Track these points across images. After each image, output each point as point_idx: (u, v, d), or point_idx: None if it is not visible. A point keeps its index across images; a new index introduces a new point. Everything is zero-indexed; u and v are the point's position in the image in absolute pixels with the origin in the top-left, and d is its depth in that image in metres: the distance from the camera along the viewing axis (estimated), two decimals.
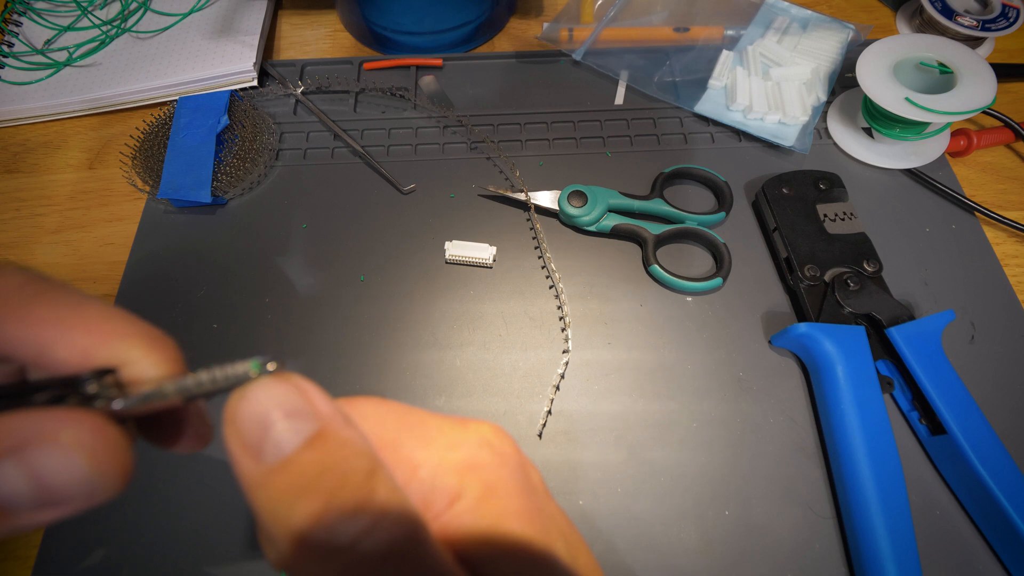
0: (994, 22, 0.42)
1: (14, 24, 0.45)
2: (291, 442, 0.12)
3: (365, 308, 0.34)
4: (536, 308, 0.34)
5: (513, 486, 0.14)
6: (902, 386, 0.31)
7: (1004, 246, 0.36)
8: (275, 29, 0.48)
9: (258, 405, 0.13)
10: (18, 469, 0.13)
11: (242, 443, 0.12)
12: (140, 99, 0.42)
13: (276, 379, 0.13)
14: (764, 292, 0.35)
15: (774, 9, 0.45)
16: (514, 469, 0.15)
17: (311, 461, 0.12)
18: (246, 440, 0.12)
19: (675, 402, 0.31)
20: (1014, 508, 0.26)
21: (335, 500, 0.12)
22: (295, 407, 0.13)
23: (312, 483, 0.12)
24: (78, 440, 0.13)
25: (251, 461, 0.12)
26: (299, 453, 0.12)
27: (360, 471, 0.12)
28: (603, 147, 0.40)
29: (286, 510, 0.12)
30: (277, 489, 0.12)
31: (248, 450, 0.12)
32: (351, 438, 0.13)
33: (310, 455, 0.12)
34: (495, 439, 0.15)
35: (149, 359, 0.15)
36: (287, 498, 0.12)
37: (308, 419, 0.13)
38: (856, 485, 0.27)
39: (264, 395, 0.13)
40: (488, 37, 0.47)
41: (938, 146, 0.38)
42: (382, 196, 0.38)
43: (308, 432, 0.12)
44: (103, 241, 0.37)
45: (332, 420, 0.13)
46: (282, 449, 0.12)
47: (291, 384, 0.13)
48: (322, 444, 0.12)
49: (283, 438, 0.12)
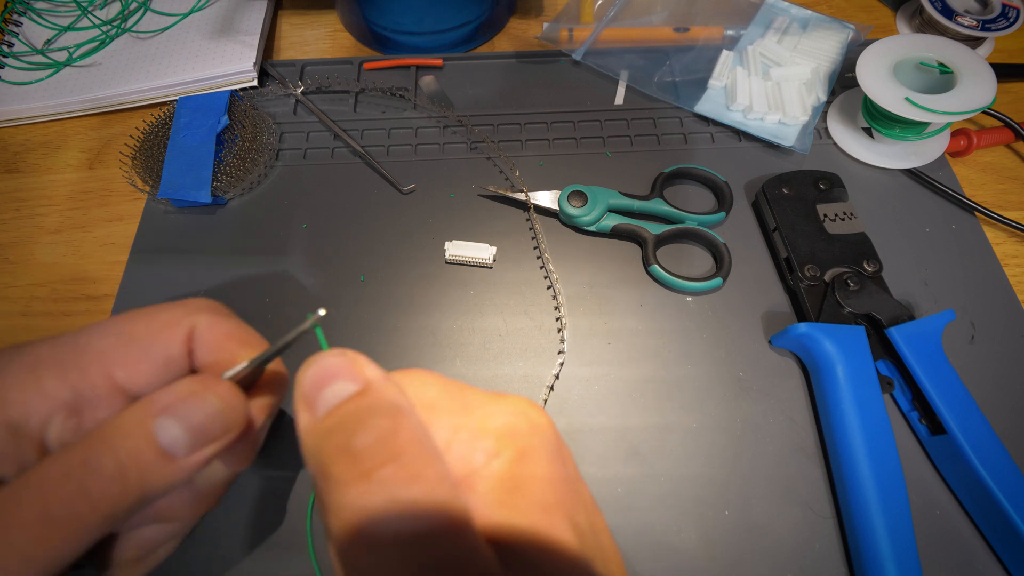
0: (994, 22, 0.42)
1: (14, 24, 0.45)
2: (339, 396, 0.15)
3: (365, 308, 0.34)
4: (536, 308, 0.34)
5: (545, 454, 0.16)
6: (902, 386, 0.31)
7: (1004, 246, 0.36)
8: (275, 29, 0.48)
9: (316, 372, 0.16)
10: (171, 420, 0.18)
11: (303, 401, 0.16)
12: (140, 99, 0.42)
13: (333, 352, 0.16)
14: (764, 292, 0.35)
15: (774, 9, 0.45)
16: (547, 439, 0.16)
17: (352, 407, 0.15)
18: (305, 398, 0.16)
19: (675, 402, 0.31)
20: (1014, 508, 0.26)
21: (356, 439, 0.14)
22: (346, 372, 0.16)
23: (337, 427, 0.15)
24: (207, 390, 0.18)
25: (307, 414, 0.16)
26: (344, 403, 0.15)
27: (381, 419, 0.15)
28: (603, 147, 0.40)
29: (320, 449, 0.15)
30: (322, 430, 0.15)
31: (307, 406, 0.16)
32: (390, 394, 0.16)
33: (352, 403, 0.15)
34: (531, 411, 0.17)
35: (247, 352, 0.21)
36: (328, 435, 0.15)
37: (355, 380, 0.16)
38: (856, 485, 0.27)
39: (321, 364, 0.16)
40: (488, 37, 0.47)
41: (938, 146, 0.38)
42: (382, 196, 0.38)
43: (353, 389, 0.15)
44: (103, 241, 0.37)
45: (376, 381, 0.16)
46: (330, 402, 0.15)
47: (344, 356, 0.16)
48: (363, 396, 0.15)
49: (332, 393, 0.15)
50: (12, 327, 0.34)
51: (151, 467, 0.17)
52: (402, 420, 0.15)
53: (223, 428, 0.19)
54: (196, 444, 0.18)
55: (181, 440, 0.18)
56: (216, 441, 0.18)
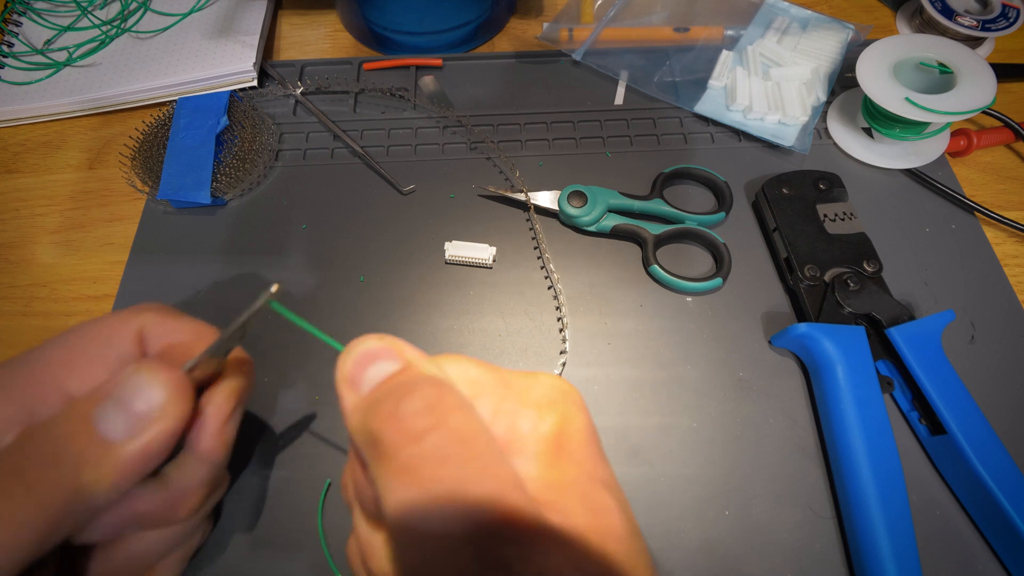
0: (994, 22, 0.42)
1: (14, 24, 0.45)
2: (382, 374, 0.16)
3: (365, 308, 0.34)
4: (536, 308, 0.34)
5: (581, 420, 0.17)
6: (902, 386, 0.31)
7: (1004, 246, 0.36)
8: (275, 29, 0.48)
9: (357, 355, 0.17)
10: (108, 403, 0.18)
11: (346, 383, 0.17)
12: (140, 99, 0.42)
13: (371, 336, 0.17)
14: (764, 292, 0.35)
15: (774, 9, 0.45)
16: (581, 408, 0.18)
17: (396, 380, 0.16)
18: (349, 380, 0.17)
19: (675, 402, 0.31)
20: (1014, 508, 0.26)
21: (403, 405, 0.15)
22: (385, 353, 0.17)
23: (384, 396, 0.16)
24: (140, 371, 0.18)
25: (352, 394, 0.16)
26: (388, 379, 0.16)
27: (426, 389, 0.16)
28: (603, 147, 0.40)
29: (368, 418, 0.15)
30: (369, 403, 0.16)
31: (350, 386, 0.16)
32: (431, 369, 0.16)
33: (395, 378, 0.16)
34: (563, 384, 0.18)
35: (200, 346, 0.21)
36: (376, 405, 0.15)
37: (396, 359, 0.17)
38: (856, 485, 0.27)
39: (361, 348, 0.17)
40: (488, 37, 0.47)
41: (938, 146, 0.38)
42: (382, 196, 0.38)
43: (395, 367, 0.16)
44: (103, 241, 0.37)
45: (416, 359, 0.17)
46: (374, 380, 0.16)
47: (383, 339, 0.17)
48: (405, 372, 0.16)
49: (375, 372, 0.16)
50: (12, 327, 0.34)
51: (88, 452, 0.17)
52: (445, 389, 0.16)
53: (162, 410, 0.18)
54: (134, 427, 0.18)
55: (118, 423, 0.18)
56: (156, 424, 0.18)
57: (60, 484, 0.17)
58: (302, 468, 0.30)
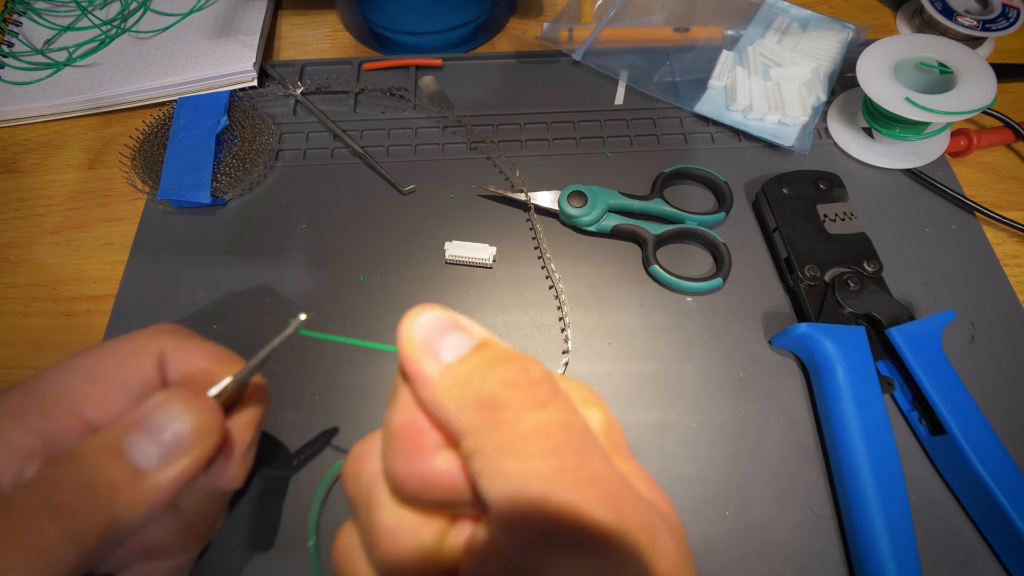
0: (994, 22, 0.42)
1: (14, 24, 0.45)
2: (464, 346, 0.15)
3: (365, 308, 0.34)
4: (536, 308, 0.34)
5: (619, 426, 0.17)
6: (902, 386, 0.31)
7: (1004, 246, 0.36)
8: (275, 29, 0.48)
9: (428, 323, 0.16)
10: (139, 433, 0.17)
11: (420, 351, 0.15)
12: (140, 99, 0.42)
13: (436, 306, 0.16)
14: (764, 292, 0.35)
15: (774, 9, 0.45)
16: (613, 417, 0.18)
17: (490, 353, 0.15)
18: (425, 348, 0.15)
19: (675, 402, 0.31)
20: (1014, 508, 0.26)
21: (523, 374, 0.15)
22: (456, 325, 0.16)
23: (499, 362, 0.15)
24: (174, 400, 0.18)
25: (432, 360, 0.15)
26: (474, 351, 0.15)
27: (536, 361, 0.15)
28: (603, 147, 0.40)
29: (479, 382, 0.15)
30: (463, 372, 0.15)
31: (429, 354, 0.15)
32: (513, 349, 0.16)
33: (486, 351, 0.15)
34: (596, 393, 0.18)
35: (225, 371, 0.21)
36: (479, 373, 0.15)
37: (468, 334, 0.16)
38: (856, 485, 0.27)
39: (430, 316, 0.16)
40: (488, 37, 0.47)
41: (938, 146, 0.38)
42: (382, 196, 0.38)
43: (473, 343, 0.16)
44: (103, 241, 0.37)
45: (491, 337, 0.16)
46: (458, 350, 0.15)
47: (448, 312, 0.16)
48: (490, 346, 0.16)
49: (455, 342, 0.15)
50: (12, 327, 0.34)
51: (120, 483, 0.17)
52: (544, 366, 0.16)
53: (194, 439, 0.18)
54: (167, 457, 0.18)
55: (151, 453, 0.17)
56: (189, 453, 0.18)
57: (93, 516, 0.16)
58: (302, 468, 0.30)
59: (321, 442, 0.30)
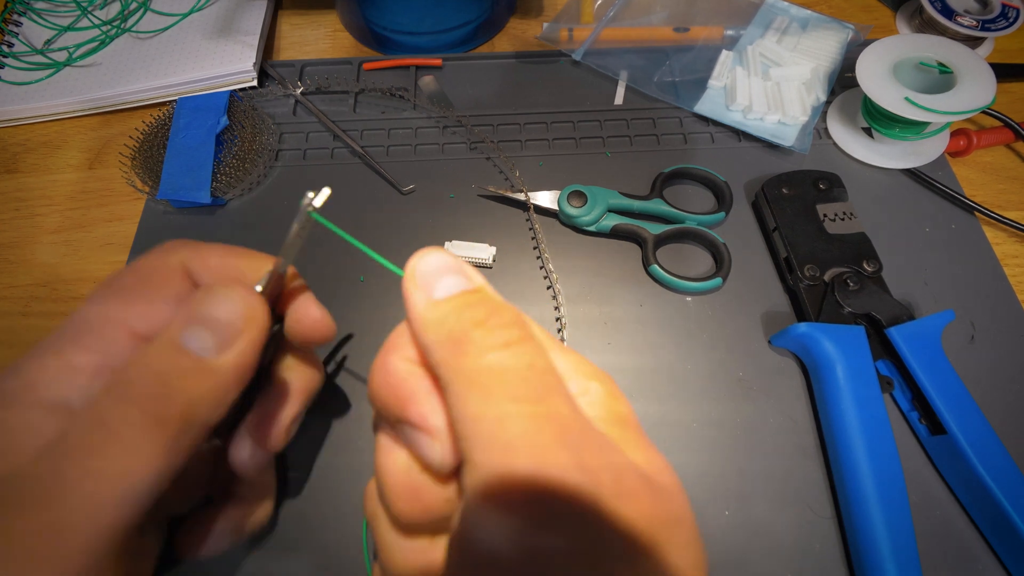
0: (994, 22, 0.42)
1: (14, 24, 0.45)
2: (456, 286, 0.17)
3: (365, 308, 0.34)
4: (536, 308, 0.34)
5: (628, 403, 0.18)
6: (902, 386, 0.31)
7: (1004, 246, 0.36)
8: (275, 29, 0.48)
9: (432, 263, 0.17)
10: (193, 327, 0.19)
11: (417, 284, 0.17)
12: (140, 99, 0.42)
13: (443, 252, 0.17)
14: (764, 292, 0.35)
15: (774, 9, 0.45)
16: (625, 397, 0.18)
17: (473, 296, 0.17)
18: (420, 282, 0.17)
19: (675, 402, 0.31)
20: (1014, 508, 0.26)
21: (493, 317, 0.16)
22: (458, 269, 0.17)
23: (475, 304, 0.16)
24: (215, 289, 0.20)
25: (423, 294, 0.17)
26: (462, 293, 0.17)
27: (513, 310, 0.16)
28: (603, 147, 0.40)
29: (453, 319, 0.16)
30: (444, 308, 0.16)
31: (423, 288, 0.17)
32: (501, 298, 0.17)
33: (471, 294, 0.17)
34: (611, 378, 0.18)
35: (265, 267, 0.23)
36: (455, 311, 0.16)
37: (468, 278, 0.17)
38: (856, 485, 0.27)
39: (436, 257, 0.17)
40: (488, 37, 0.47)
41: (938, 146, 0.38)
42: (382, 196, 0.38)
43: (467, 286, 0.17)
44: (103, 241, 0.37)
45: (486, 285, 0.17)
46: (450, 289, 0.17)
47: (455, 258, 0.18)
48: (480, 291, 0.17)
49: (450, 282, 0.17)
50: (12, 327, 0.34)
51: (187, 371, 0.18)
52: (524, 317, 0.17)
53: (245, 321, 0.19)
54: (225, 340, 0.19)
55: (208, 341, 0.19)
56: (243, 336, 0.19)
57: (171, 401, 0.17)
58: (303, 468, 0.30)
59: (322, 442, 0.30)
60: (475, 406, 0.14)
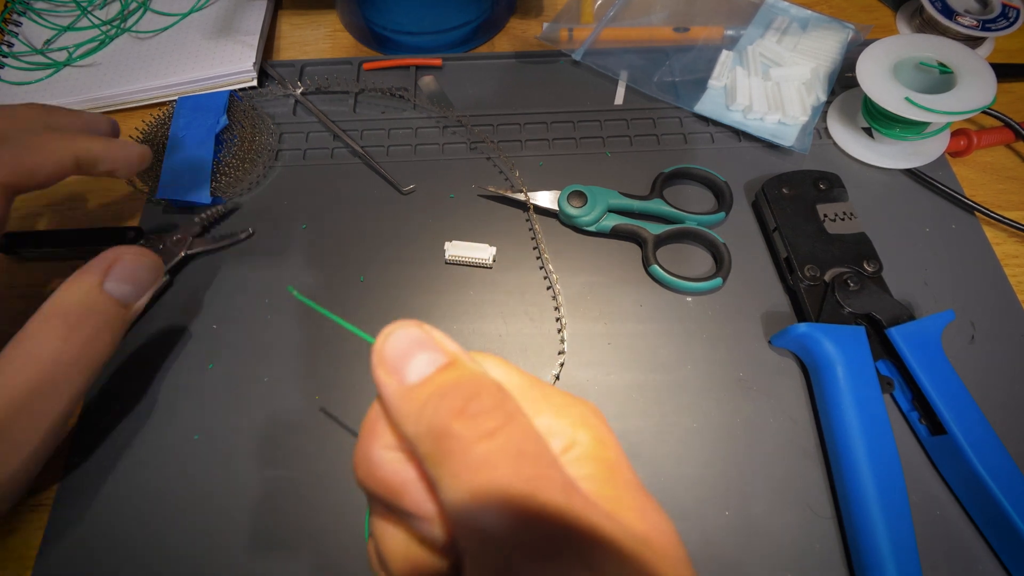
0: (994, 22, 0.42)
1: (14, 24, 0.45)
2: (429, 366, 0.16)
3: (365, 308, 0.34)
4: (536, 308, 0.34)
5: (616, 442, 0.17)
6: (902, 386, 0.31)
7: (1004, 246, 0.36)
8: (275, 29, 0.48)
9: (399, 341, 0.16)
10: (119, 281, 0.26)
11: (387, 369, 0.16)
12: (140, 99, 0.42)
13: (410, 323, 0.17)
14: (764, 292, 0.35)
15: (774, 9, 0.45)
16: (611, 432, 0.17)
17: (447, 378, 0.16)
18: (391, 366, 0.16)
19: (675, 402, 0.31)
20: (1014, 508, 0.26)
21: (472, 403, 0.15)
22: (428, 344, 0.16)
23: (451, 390, 0.15)
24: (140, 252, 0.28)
25: (395, 380, 0.16)
26: (435, 373, 0.16)
27: (491, 387, 0.16)
28: (603, 147, 0.40)
29: (431, 411, 0.15)
30: (420, 398, 0.15)
31: (393, 373, 0.16)
32: (477, 369, 0.16)
33: (445, 374, 0.16)
34: (597, 410, 0.18)
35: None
36: (432, 401, 0.15)
37: (440, 353, 0.16)
38: (856, 485, 0.27)
39: (403, 333, 0.16)
40: (488, 37, 0.47)
41: (938, 146, 0.38)
42: (382, 196, 0.38)
43: (441, 362, 0.16)
44: None
45: (460, 356, 0.16)
46: (422, 371, 0.16)
47: (423, 328, 0.17)
48: (454, 368, 0.16)
49: (422, 362, 0.16)
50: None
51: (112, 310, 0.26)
52: (505, 391, 0.16)
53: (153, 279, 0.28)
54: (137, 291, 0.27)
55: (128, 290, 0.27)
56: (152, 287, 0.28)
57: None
58: (302, 468, 0.30)
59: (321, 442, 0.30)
60: (464, 502, 0.14)
